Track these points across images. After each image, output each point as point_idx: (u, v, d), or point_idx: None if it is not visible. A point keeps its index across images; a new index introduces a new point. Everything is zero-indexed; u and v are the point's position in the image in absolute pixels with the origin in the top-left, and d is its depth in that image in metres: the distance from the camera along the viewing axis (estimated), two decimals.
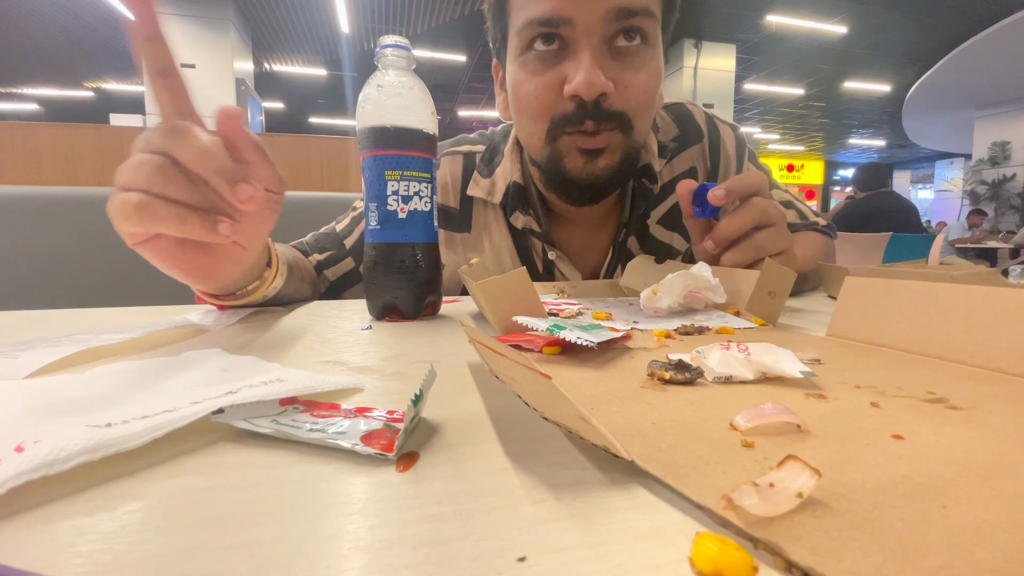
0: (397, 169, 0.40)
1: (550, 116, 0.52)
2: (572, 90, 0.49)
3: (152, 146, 0.30)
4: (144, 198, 0.29)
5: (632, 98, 0.51)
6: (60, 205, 0.78)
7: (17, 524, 0.13)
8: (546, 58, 0.51)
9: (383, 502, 0.14)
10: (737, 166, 0.69)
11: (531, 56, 0.51)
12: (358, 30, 5.83)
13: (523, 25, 0.50)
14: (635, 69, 0.51)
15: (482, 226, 0.65)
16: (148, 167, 0.30)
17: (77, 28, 5.57)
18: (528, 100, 0.52)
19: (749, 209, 0.46)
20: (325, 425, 0.18)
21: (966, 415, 0.19)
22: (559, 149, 0.53)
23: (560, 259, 0.63)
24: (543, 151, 0.54)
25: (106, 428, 0.16)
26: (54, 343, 0.29)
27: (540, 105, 0.52)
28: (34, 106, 8.39)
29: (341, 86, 7.99)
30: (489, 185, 0.64)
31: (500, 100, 0.61)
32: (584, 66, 0.48)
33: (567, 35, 0.49)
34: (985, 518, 0.12)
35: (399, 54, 0.41)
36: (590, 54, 0.48)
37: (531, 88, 0.52)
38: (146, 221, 0.30)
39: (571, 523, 0.13)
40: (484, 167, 0.65)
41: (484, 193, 0.64)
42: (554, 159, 0.54)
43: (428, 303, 0.43)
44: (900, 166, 14.54)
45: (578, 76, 0.48)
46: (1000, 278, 0.39)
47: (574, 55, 0.49)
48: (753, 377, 0.23)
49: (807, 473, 0.12)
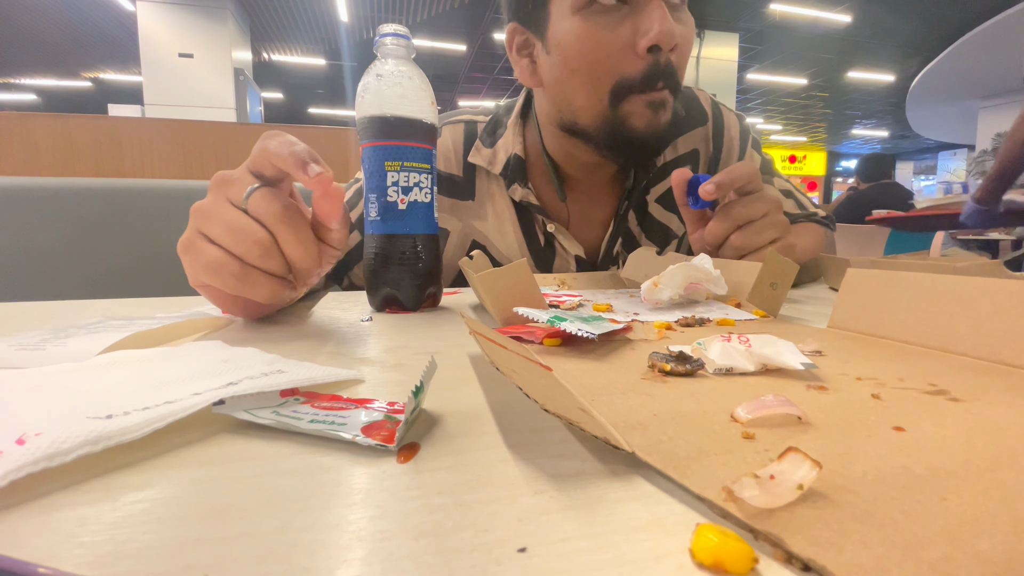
0: (397, 160, 0.40)
1: (617, 76, 0.50)
2: (652, 39, 0.47)
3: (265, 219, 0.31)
4: (244, 270, 0.31)
5: (683, 55, 0.51)
6: (58, 197, 0.78)
7: (19, 514, 0.13)
8: (612, 12, 0.48)
9: (384, 493, 0.14)
10: (740, 153, 0.69)
11: (595, 10, 0.49)
12: (357, 19, 5.77)
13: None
14: (684, 24, 0.51)
15: (485, 194, 0.65)
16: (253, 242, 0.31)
17: (75, 18, 5.52)
18: (595, 56, 0.49)
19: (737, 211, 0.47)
20: (326, 416, 0.18)
21: (967, 407, 0.19)
22: (625, 111, 0.51)
23: (559, 231, 0.63)
24: (603, 114, 0.52)
25: (107, 420, 0.16)
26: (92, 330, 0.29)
27: (609, 63, 0.49)
28: (32, 96, 8.34)
29: (341, 76, 7.92)
30: (491, 155, 0.63)
31: (523, 66, 0.57)
32: (660, 16, 0.46)
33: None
34: (986, 510, 0.12)
35: (399, 43, 0.40)
36: (662, 3, 0.47)
37: (598, 43, 0.49)
38: (240, 289, 0.31)
39: (572, 514, 0.13)
40: (487, 137, 0.65)
41: (485, 162, 0.63)
42: (616, 122, 0.52)
43: (428, 295, 0.43)
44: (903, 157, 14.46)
45: (655, 27, 0.46)
46: (1003, 270, 0.39)
47: (643, 7, 0.48)
48: (754, 369, 0.23)
49: (808, 465, 0.12)
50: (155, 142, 2.50)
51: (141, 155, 2.49)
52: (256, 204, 0.31)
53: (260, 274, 0.32)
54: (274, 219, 0.31)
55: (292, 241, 0.31)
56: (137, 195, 0.81)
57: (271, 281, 0.32)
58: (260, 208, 0.31)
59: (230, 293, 0.32)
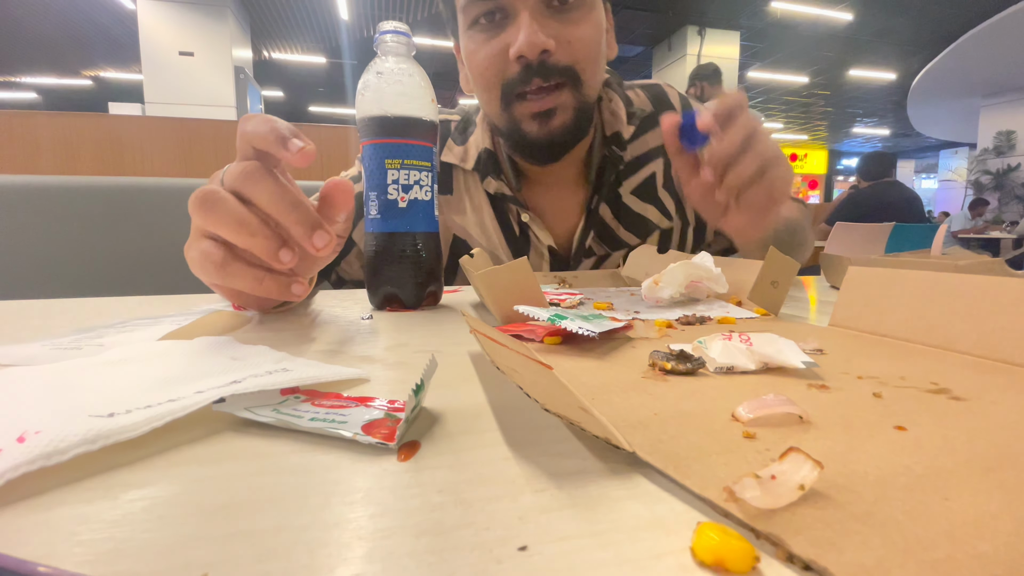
0: (397, 157, 0.40)
1: (500, 83, 0.55)
2: (515, 51, 0.51)
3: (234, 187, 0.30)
4: (226, 258, 0.31)
5: (577, 51, 0.54)
6: (58, 195, 0.78)
7: (17, 512, 0.13)
8: (490, 28, 0.54)
9: (384, 491, 0.14)
10: None
11: (477, 29, 0.55)
12: (358, 17, 5.76)
13: (466, 2, 0.54)
14: (575, 23, 0.53)
15: (463, 190, 0.67)
16: (225, 213, 0.30)
17: (76, 16, 5.51)
18: (480, 70, 0.56)
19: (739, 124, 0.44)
20: (326, 414, 0.18)
21: (969, 406, 0.19)
22: (515, 116, 0.56)
23: (533, 220, 0.65)
24: (501, 118, 0.57)
25: (108, 418, 0.16)
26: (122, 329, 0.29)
27: (491, 73, 0.55)
28: (32, 95, 8.33)
29: (341, 74, 7.91)
30: (463, 152, 0.66)
31: (462, 75, 0.64)
32: (523, 27, 0.51)
33: (506, 4, 0.52)
34: (987, 510, 0.12)
35: (399, 40, 0.40)
36: (528, 15, 0.51)
37: (481, 58, 0.55)
38: (226, 280, 0.31)
39: (572, 512, 0.13)
40: (458, 135, 0.68)
41: (457, 159, 0.66)
42: (512, 125, 0.57)
43: (429, 293, 0.43)
44: (904, 156, 14.43)
45: (519, 38, 0.51)
46: (1005, 268, 0.39)
47: (515, 20, 0.52)
48: (755, 367, 0.23)
49: (809, 465, 0.12)
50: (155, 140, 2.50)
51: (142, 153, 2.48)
52: (227, 175, 0.31)
53: (240, 263, 0.31)
54: (236, 179, 0.30)
55: (262, 194, 0.30)
56: (137, 193, 0.81)
57: (253, 270, 0.31)
58: (229, 176, 0.31)
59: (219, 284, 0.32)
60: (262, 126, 0.31)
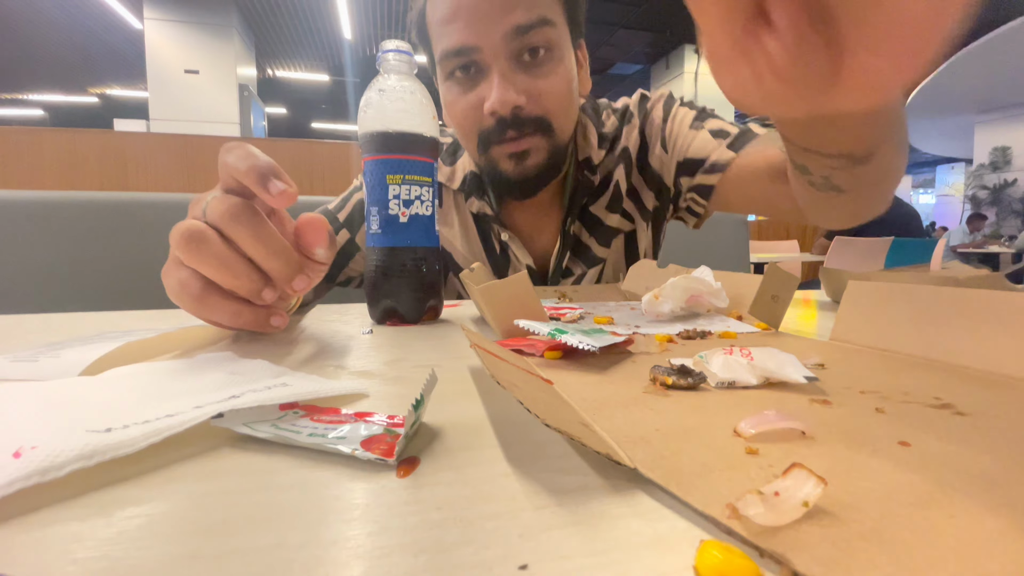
0: (399, 173, 0.40)
1: (477, 132, 0.59)
2: (489, 109, 0.55)
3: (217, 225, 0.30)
4: (204, 290, 0.31)
5: (547, 103, 0.57)
6: (62, 209, 0.78)
7: (11, 530, 0.12)
8: (465, 82, 0.57)
9: (383, 508, 0.13)
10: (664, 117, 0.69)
11: (453, 81, 0.58)
12: (360, 36, 5.87)
13: (441, 56, 0.57)
14: (544, 77, 0.56)
15: (450, 204, 0.71)
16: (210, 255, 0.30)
17: (85, 36, 5.62)
18: (458, 120, 0.59)
19: None
20: (325, 430, 0.18)
21: (973, 421, 0.18)
22: (492, 157, 0.59)
23: (512, 240, 0.68)
24: (479, 160, 0.61)
25: (105, 433, 0.16)
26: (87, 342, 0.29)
27: (468, 124, 0.59)
28: (39, 111, 8.44)
29: (343, 91, 8.03)
30: (450, 172, 0.70)
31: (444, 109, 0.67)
32: (495, 86, 0.54)
33: (479, 60, 0.55)
34: (995, 527, 0.11)
35: (401, 59, 0.41)
36: (499, 74, 0.55)
37: (458, 110, 0.59)
38: (203, 312, 0.31)
39: (573, 530, 0.12)
40: (448, 156, 0.71)
41: (445, 179, 0.70)
42: (490, 165, 0.60)
43: (429, 307, 0.43)
44: None
45: (492, 95, 0.54)
46: (1005, 282, 0.39)
47: (488, 76, 0.56)
48: (756, 382, 0.23)
49: (813, 481, 0.12)
50: (159, 156, 2.52)
51: (145, 169, 2.51)
52: (210, 209, 0.30)
53: (217, 297, 0.31)
54: (222, 218, 0.30)
55: (246, 238, 0.30)
56: (141, 208, 0.81)
57: (231, 303, 0.31)
58: (212, 211, 0.30)
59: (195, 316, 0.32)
60: (242, 162, 0.30)
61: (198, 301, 0.31)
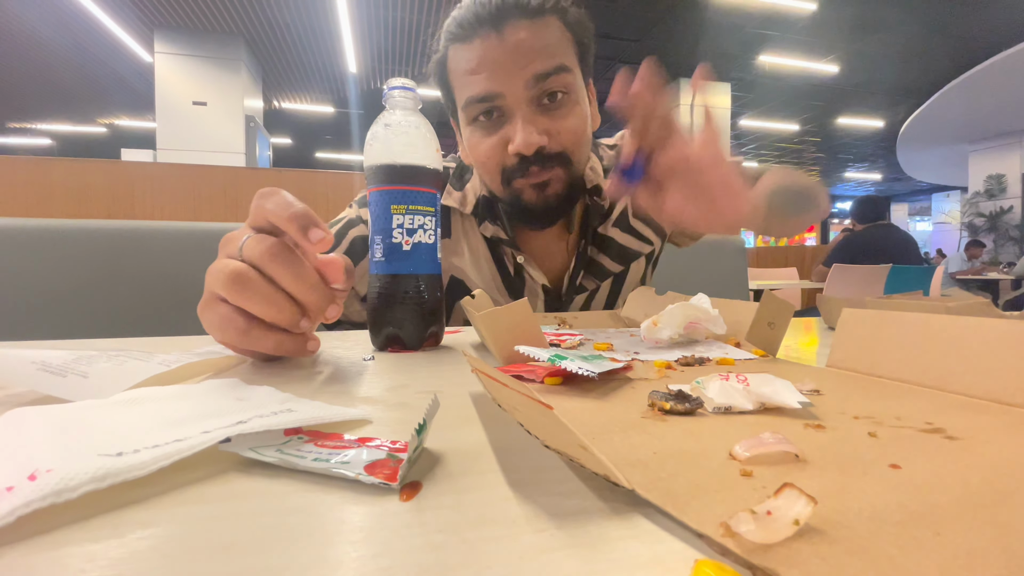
0: (403, 203, 0.42)
1: (501, 169, 0.62)
2: (514, 150, 0.59)
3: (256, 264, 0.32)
4: (248, 325, 0.33)
5: (566, 140, 0.61)
6: (70, 238, 0.79)
7: (27, 549, 0.13)
8: (489, 126, 0.62)
9: (386, 531, 0.14)
10: None
11: (478, 125, 0.62)
12: (365, 70, 6.03)
13: (466, 103, 0.61)
14: (563, 117, 0.61)
15: (460, 232, 0.72)
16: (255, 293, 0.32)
17: (96, 69, 5.78)
18: (482, 159, 0.63)
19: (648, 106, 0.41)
20: (329, 455, 0.18)
21: (963, 444, 0.19)
22: (515, 189, 0.63)
23: (528, 262, 0.70)
24: (503, 193, 0.65)
25: (117, 457, 0.16)
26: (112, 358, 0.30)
27: (491, 163, 0.63)
28: (47, 141, 8.61)
29: (347, 123, 8.21)
30: (461, 197, 0.71)
31: (461, 147, 0.71)
32: (519, 129, 0.59)
33: (502, 105, 0.60)
34: (979, 545, 0.12)
35: (406, 95, 0.43)
36: (523, 118, 0.59)
37: (483, 150, 0.63)
38: (247, 343, 0.33)
39: (572, 552, 0.13)
40: (456, 180, 0.73)
41: (457, 203, 0.71)
42: (513, 197, 0.64)
43: (430, 334, 0.44)
44: (897, 199, 14.71)
45: (517, 138, 0.59)
46: (994, 309, 0.39)
47: (511, 120, 0.60)
48: (752, 407, 0.23)
49: (803, 500, 0.13)
50: (166, 185, 2.56)
51: (153, 198, 2.55)
52: (248, 249, 0.33)
53: (262, 330, 0.33)
54: (262, 258, 0.32)
55: (287, 276, 0.32)
56: (148, 236, 0.83)
57: (274, 334, 0.33)
58: (251, 251, 0.33)
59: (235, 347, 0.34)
60: (282, 210, 0.33)
61: (244, 334, 0.33)
